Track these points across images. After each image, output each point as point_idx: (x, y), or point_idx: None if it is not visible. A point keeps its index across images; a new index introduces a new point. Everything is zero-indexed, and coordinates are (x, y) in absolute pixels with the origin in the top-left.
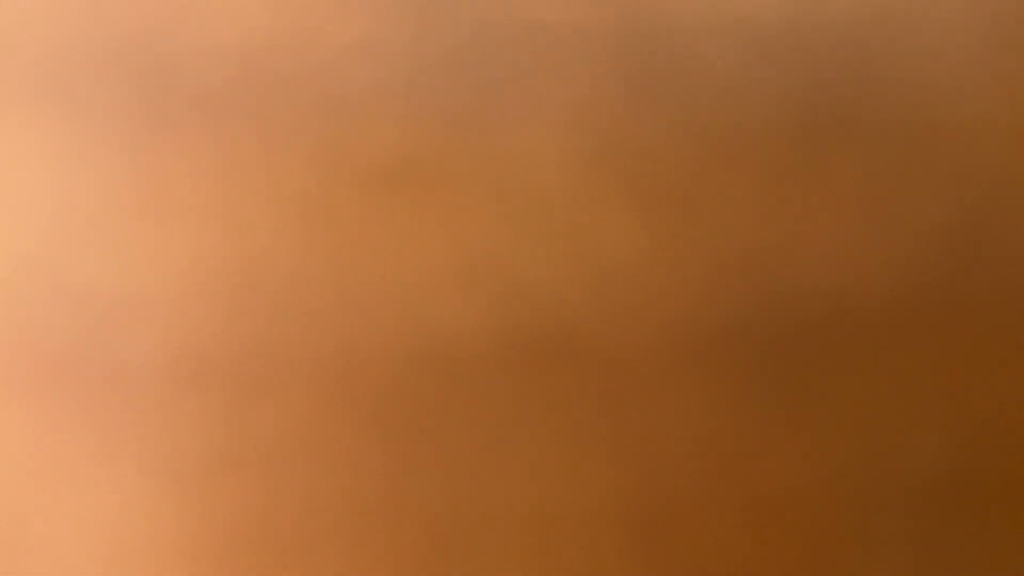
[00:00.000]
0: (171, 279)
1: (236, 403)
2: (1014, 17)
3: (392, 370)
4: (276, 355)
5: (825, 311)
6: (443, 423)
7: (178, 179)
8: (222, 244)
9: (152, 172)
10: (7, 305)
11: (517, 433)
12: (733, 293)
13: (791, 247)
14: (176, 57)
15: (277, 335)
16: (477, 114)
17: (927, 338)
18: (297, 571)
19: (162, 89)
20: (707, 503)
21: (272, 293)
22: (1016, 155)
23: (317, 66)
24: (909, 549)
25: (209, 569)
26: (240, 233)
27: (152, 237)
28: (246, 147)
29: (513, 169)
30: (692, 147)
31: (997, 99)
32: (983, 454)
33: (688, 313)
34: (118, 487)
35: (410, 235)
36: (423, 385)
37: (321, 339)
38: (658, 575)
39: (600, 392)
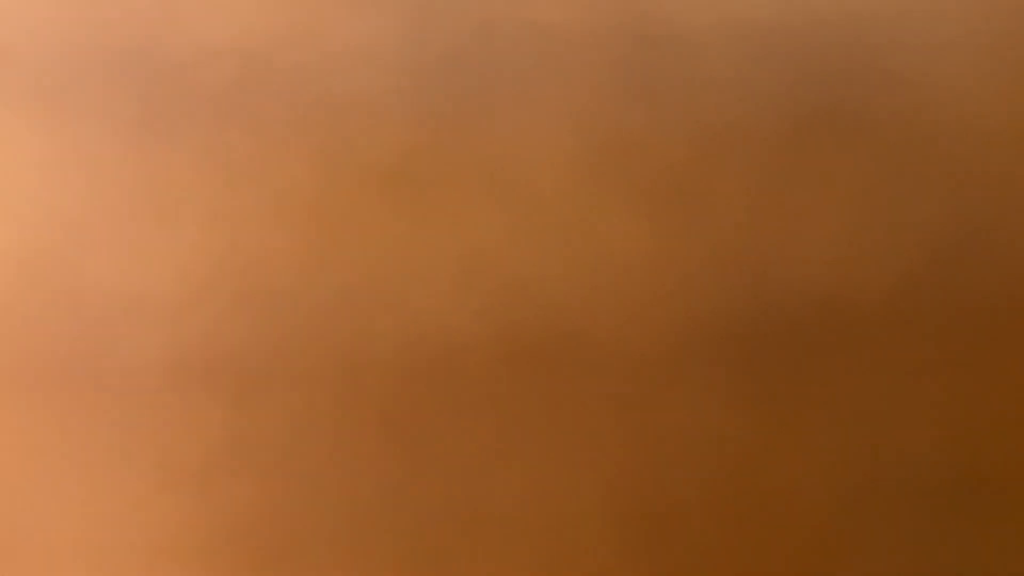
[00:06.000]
0: (172, 280)
1: (237, 403)
2: (1013, 16)
3: (394, 369)
4: (278, 355)
5: (825, 311)
6: (445, 422)
7: (179, 180)
8: (222, 245)
9: (153, 173)
10: (8, 306)
11: (518, 432)
12: (733, 292)
13: (791, 247)
14: (176, 58)
15: (278, 335)
16: (477, 114)
17: (927, 337)
18: (299, 571)
19: (162, 90)
20: (708, 501)
21: (273, 293)
22: (1013, 154)
23: (317, 67)
24: (908, 547)
25: (211, 568)
26: (240, 234)
27: (153, 238)
28: (246, 148)
29: (513, 169)
30: (691, 147)
31: (995, 98)
32: (980, 453)
33: (688, 312)
34: (119, 487)
35: (411, 235)
36: (425, 384)
37: (322, 339)
38: (660, 573)
39: (600, 391)
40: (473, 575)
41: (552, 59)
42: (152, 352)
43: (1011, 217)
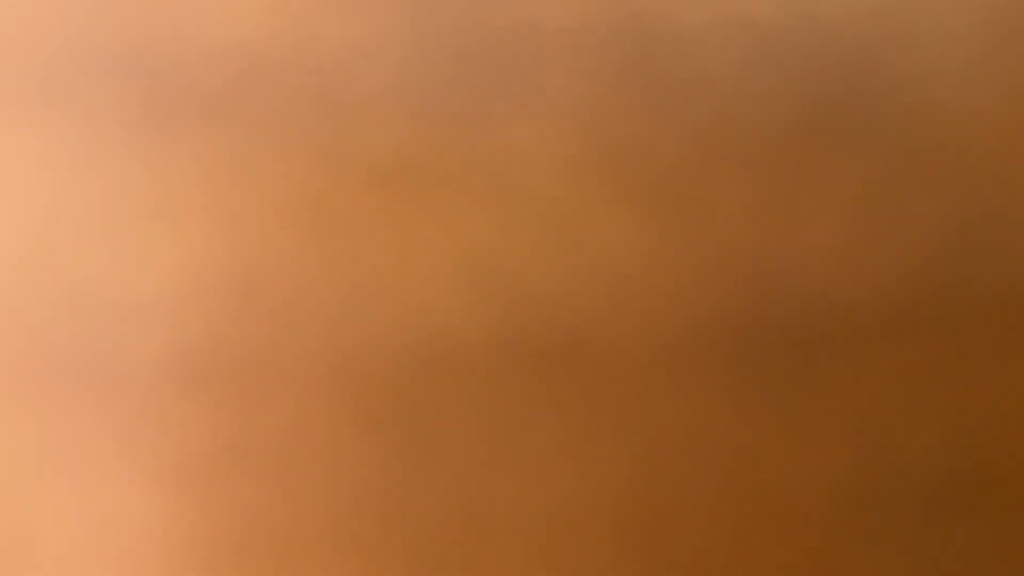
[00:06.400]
0: (175, 280)
1: (239, 403)
2: (1013, 17)
3: (394, 370)
4: (279, 356)
5: (825, 311)
6: (445, 423)
7: (181, 180)
8: (225, 245)
9: (155, 174)
10: (12, 306)
11: (518, 433)
12: (734, 293)
13: (791, 248)
14: (180, 60)
15: (280, 336)
16: (478, 115)
17: (927, 338)
18: (300, 569)
19: (166, 92)
20: (710, 501)
21: (275, 294)
22: (1014, 155)
23: (320, 69)
24: (910, 547)
25: (212, 567)
26: (243, 234)
27: (156, 238)
28: (249, 149)
29: (513, 171)
30: (692, 148)
31: (996, 99)
32: (982, 453)
33: (689, 313)
34: (121, 487)
35: (412, 237)
36: (425, 385)
37: (324, 340)
38: (660, 572)
39: (600, 392)
40: (474, 573)
41: (553, 60)
42: (154, 352)
43: (1013, 216)
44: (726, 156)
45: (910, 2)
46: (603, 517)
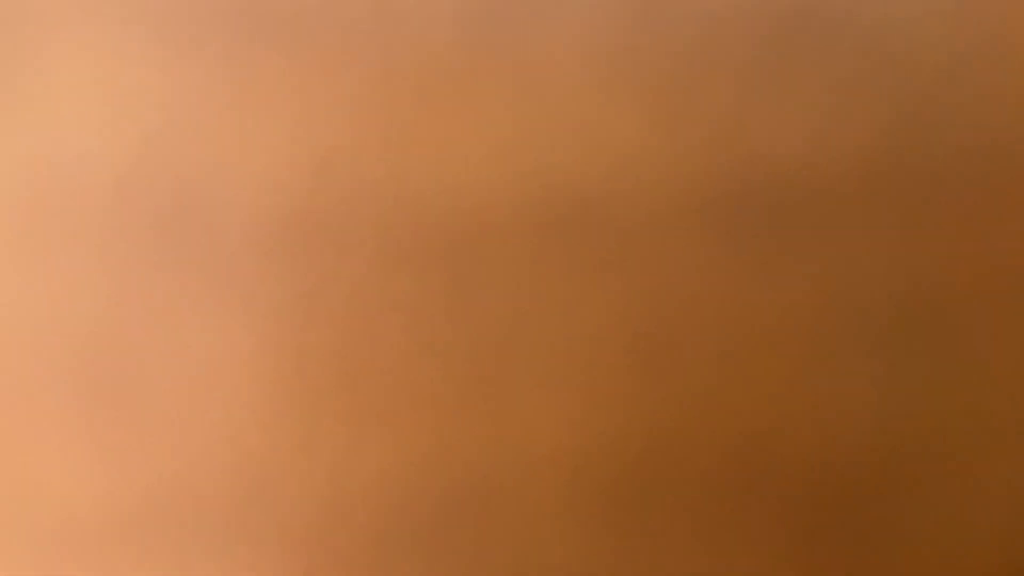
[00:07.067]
0: (264, 163)
1: (315, 260)
2: None
3: (439, 232)
4: (349, 223)
5: (798, 181)
6: (481, 273)
7: (268, 87)
8: (303, 138)
9: (246, 82)
10: (134, 187)
11: (541, 281)
12: (722, 165)
13: (770, 126)
14: None
15: (349, 208)
16: (507, 26)
17: (883, 197)
18: (364, 393)
19: (258, 16)
20: (700, 332)
21: (344, 176)
22: (956, 47)
23: None
24: (873, 363)
25: (297, 394)
26: (317, 129)
27: (249, 134)
28: (319, 59)
29: (538, 70)
30: (687, 46)
31: (945, 8)
32: (930, 293)
33: (684, 183)
34: (222, 328)
35: (452, 127)
36: (464, 243)
37: (384, 210)
38: (662, 391)
39: (608, 249)
40: (504, 398)
41: None
42: (250, 216)
43: (953, 97)
44: (715, 56)
45: None
46: (615, 349)
